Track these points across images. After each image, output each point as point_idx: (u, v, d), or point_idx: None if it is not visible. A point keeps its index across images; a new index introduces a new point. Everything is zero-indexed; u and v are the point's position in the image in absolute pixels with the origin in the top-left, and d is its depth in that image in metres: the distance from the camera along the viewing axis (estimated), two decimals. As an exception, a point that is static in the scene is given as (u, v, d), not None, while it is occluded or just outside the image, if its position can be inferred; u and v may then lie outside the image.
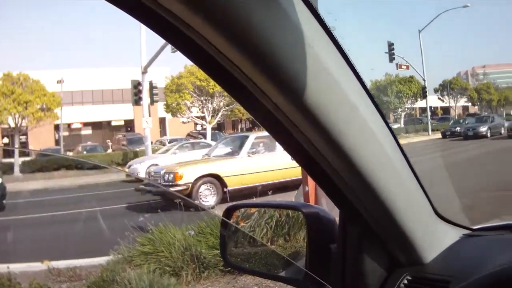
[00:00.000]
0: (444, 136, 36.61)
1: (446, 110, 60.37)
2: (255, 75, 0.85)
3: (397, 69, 38.86)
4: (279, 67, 0.82)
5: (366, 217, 1.17)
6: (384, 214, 1.14)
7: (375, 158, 1.05)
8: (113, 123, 51.74)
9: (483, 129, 31.69)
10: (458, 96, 59.30)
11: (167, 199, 11.47)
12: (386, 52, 36.09)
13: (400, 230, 1.18)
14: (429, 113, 41.74)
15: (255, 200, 8.39)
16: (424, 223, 1.28)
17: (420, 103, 47.05)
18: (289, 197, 9.32)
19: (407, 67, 38.72)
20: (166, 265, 5.97)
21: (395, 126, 41.67)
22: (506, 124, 32.22)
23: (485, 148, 23.17)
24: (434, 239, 1.32)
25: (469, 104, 67.56)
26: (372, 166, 1.04)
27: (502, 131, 31.75)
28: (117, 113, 49.32)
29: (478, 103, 66.65)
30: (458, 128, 35.69)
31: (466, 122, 37.46)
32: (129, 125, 50.20)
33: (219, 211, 2.88)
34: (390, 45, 35.82)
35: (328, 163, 1.03)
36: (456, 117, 50.21)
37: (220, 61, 0.85)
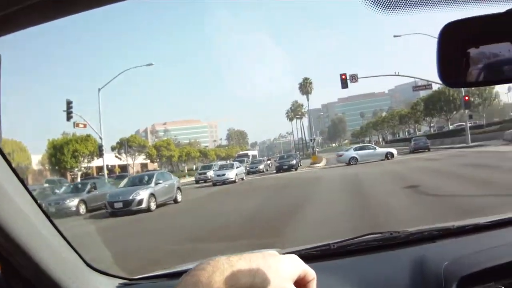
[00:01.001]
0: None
1: (124, 168, 62.72)
2: None
3: (74, 127, 39.28)
4: None
5: (23, 272, 1.38)
6: (37, 270, 1.37)
7: (22, 229, 1.31)
8: None
9: (72, 203, 22.52)
10: (136, 154, 62.78)
11: None
12: (65, 111, 36.78)
13: (54, 283, 1.42)
14: (105, 172, 42.69)
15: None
16: (77, 276, 1.56)
17: (98, 162, 48.07)
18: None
19: (84, 126, 39.54)
20: None
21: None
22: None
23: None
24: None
25: (148, 161, 71.69)
26: (20, 235, 1.30)
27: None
28: None
29: (158, 160, 71.50)
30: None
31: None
32: None
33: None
34: (69, 103, 36.77)
35: None
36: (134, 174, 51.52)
37: None
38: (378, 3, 0.98)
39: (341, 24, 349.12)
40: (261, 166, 49.24)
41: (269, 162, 59.18)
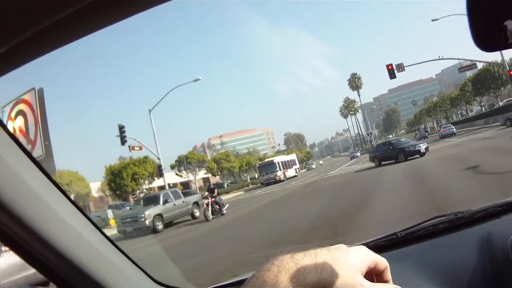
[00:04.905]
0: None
1: (186, 184, 62.14)
2: None
3: (130, 151, 38.73)
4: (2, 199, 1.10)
5: None
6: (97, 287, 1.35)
7: (81, 249, 1.31)
8: None
9: None
10: (197, 169, 62.31)
11: None
12: (118, 136, 36.27)
13: None
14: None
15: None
16: None
17: (159, 182, 47.65)
18: None
19: (140, 148, 39.03)
20: None
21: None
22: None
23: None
24: None
25: (209, 175, 71.00)
26: (80, 256, 1.30)
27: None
28: None
29: (219, 173, 70.84)
30: None
31: None
32: None
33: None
34: (121, 128, 36.35)
35: (46, 258, 1.25)
36: (198, 190, 51.13)
37: None
38: None
39: (381, 16, 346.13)
40: (148, 222, 21.39)
41: (207, 201, 22.95)
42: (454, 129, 48.91)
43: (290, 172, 59.53)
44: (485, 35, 0.96)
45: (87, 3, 0.81)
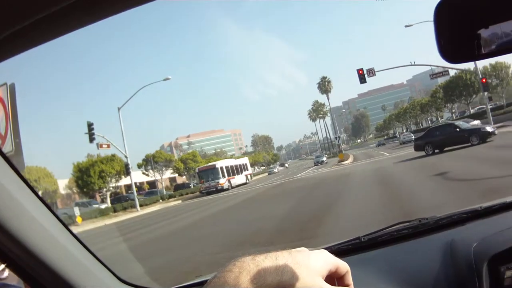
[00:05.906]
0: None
1: (153, 184, 62.56)
2: None
3: (98, 148, 38.95)
4: None
5: None
6: (66, 286, 1.40)
7: (48, 246, 1.35)
8: None
9: None
10: (164, 169, 62.04)
11: None
12: (86, 133, 36.67)
13: None
14: (134, 189, 42.08)
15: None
16: None
17: (126, 180, 47.69)
18: None
19: (108, 146, 39.30)
20: None
21: (102, 206, 41.89)
22: None
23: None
24: None
25: (176, 175, 71.08)
26: (47, 254, 1.33)
27: None
28: None
29: (186, 173, 70.92)
30: None
31: None
32: None
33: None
34: (90, 125, 36.74)
35: (15, 254, 1.30)
36: (164, 190, 50.96)
37: None
38: None
39: (353, 20, 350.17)
40: None
41: None
42: (413, 136, 51.55)
43: (238, 179, 54.09)
44: (455, 46, 0.95)
45: (66, 4, 0.85)
